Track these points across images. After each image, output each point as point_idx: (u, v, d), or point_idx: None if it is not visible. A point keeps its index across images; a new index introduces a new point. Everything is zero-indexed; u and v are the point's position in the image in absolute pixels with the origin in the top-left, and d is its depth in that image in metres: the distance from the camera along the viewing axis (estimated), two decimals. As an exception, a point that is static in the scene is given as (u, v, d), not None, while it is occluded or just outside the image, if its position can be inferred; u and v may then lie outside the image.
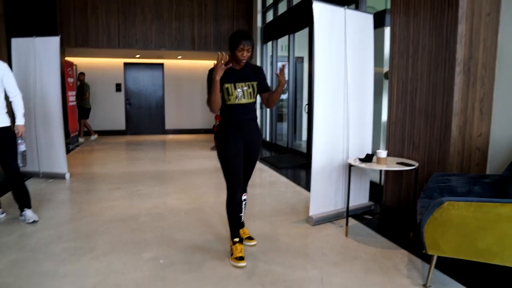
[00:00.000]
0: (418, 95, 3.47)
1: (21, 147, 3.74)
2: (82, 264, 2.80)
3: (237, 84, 2.83)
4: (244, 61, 2.81)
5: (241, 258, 2.79)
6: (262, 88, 2.97)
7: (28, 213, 3.70)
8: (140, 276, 2.64)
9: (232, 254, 2.86)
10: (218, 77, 2.64)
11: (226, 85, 2.81)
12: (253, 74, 2.93)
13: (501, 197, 2.80)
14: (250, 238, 3.19)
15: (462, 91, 3.10)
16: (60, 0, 9.26)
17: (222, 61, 2.62)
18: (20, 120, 3.68)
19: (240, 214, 3.09)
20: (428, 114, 3.35)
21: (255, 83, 2.91)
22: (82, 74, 9.84)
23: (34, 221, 3.66)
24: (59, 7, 9.25)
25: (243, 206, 3.12)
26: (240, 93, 2.84)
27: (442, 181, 2.96)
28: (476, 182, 2.92)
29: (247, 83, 2.87)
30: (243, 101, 2.86)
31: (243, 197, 3.09)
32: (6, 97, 3.66)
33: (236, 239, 2.92)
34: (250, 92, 2.88)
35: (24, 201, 3.73)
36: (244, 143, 2.92)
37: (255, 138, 2.98)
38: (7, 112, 3.64)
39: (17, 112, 3.67)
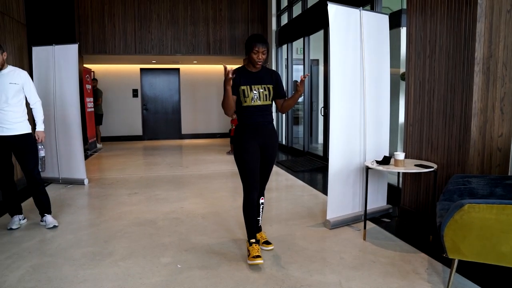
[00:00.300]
0: (436, 96, 3.41)
1: (41, 153, 3.82)
2: (101, 269, 2.83)
3: (253, 86, 2.89)
4: (260, 63, 2.87)
5: (258, 256, 2.81)
6: (278, 93, 3.02)
7: (49, 219, 3.78)
8: (158, 280, 2.65)
9: (249, 255, 2.87)
10: (228, 87, 2.74)
11: (242, 87, 2.87)
12: (270, 77, 2.99)
13: (524, 199, 2.72)
14: (267, 243, 3.18)
15: (481, 90, 3.03)
16: (79, 8, 9.47)
17: (229, 71, 2.68)
18: (40, 126, 3.77)
19: (258, 218, 3.12)
20: (447, 115, 3.29)
21: (271, 86, 2.96)
22: (95, 80, 10.02)
23: (54, 226, 3.73)
24: (78, 15, 9.45)
25: (260, 210, 3.14)
26: (256, 95, 2.89)
27: (462, 183, 2.90)
28: (498, 184, 2.85)
29: (263, 86, 2.92)
30: (259, 102, 2.90)
31: (261, 201, 3.11)
32: (27, 104, 3.75)
33: (253, 240, 2.94)
34: (266, 95, 2.92)
35: (44, 206, 3.81)
36: (260, 145, 2.96)
37: (271, 141, 3.01)
38: (28, 119, 3.73)
39: (37, 118, 3.76)
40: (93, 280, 2.66)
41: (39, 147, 3.79)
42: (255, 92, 2.89)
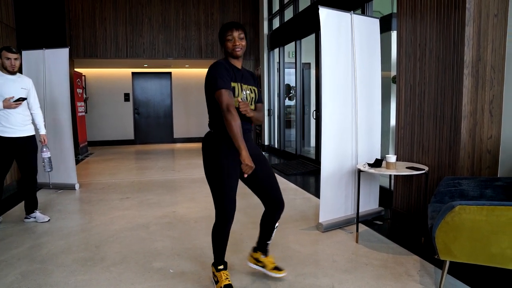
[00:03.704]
0: (426, 99, 3.44)
1: (48, 154, 4.22)
2: (92, 275, 2.80)
3: (243, 85, 2.44)
4: (239, 50, 2.38)
5: (228, 286, 2.46)
6: (258, 97, 2.59)
7: (39, 214, 4.04)
8: (150, 285, 2.63)
9: (217, 282, 2.50)
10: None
11: (233, 84, 2.37)
12: (252, 78, 2.58)
13: (514, 200, 2.75)
14: (278, 269, 2.71)
15: (471, 93, 3.07)
16: (69, 12, 9.42)
17: None
18: (43, 130, 4.13)
19: (267, 242, 2.73)
20: (437, 118, 3.32)
21: (256, 89, 2.55)
22: None
23: (49, 220, 4.03)
24: (68, 19, 9.41)
25: (272, 235, 2.72)
26: (244, 97, 2.44)
27: (453, 185, 2.92)
28: (488, 186, 2.88)
29: (249, 87, 2.49)
30: None
31: (276, 225, 2.70)
32: None
33: (221, 267, 2.55)
34: (252, 98, 2.49)
35: (35, 203, 4.07)
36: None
37: (253, 150, 2.54)
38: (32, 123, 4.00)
39: (40, 123, 4.08)
40: (84, 287, 2.63)
41: (44, 149, 4.17)
42: (244, 93, 2.43)
